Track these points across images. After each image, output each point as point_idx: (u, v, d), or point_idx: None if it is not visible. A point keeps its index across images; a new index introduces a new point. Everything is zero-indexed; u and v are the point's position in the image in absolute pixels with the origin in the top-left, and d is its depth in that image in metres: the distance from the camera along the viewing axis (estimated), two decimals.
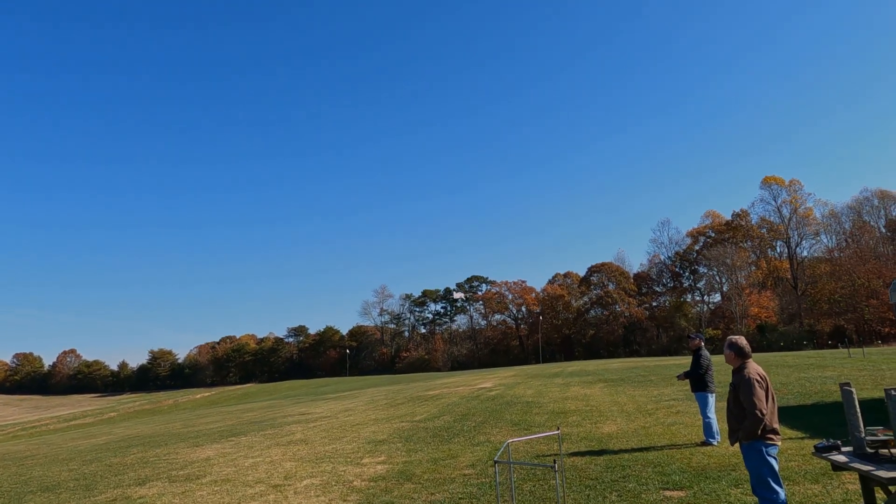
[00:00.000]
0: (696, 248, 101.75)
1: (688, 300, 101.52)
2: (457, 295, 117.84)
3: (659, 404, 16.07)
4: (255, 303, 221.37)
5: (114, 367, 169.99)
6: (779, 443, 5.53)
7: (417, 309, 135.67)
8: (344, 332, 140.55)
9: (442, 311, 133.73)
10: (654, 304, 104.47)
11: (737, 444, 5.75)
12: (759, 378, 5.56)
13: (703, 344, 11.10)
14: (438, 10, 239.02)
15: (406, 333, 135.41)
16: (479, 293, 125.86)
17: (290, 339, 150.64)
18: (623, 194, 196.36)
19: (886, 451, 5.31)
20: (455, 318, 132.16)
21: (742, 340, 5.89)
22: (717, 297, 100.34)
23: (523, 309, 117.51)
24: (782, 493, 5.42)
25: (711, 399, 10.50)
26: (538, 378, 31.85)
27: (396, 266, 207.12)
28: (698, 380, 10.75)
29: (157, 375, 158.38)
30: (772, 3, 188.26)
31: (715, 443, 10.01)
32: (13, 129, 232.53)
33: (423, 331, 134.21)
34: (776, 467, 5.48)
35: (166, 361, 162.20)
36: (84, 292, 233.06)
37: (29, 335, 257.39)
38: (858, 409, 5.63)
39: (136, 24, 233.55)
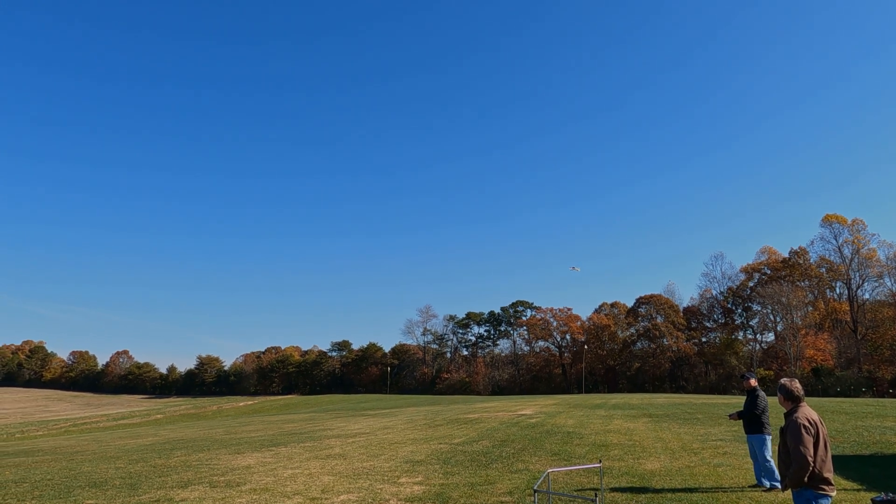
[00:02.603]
0: (750, 284, 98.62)
1: (739, 338, 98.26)
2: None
3: (705, 443, 15.57)
4: (301, 315, 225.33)
5: (163, 369, 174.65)
6: (832, 493, 5.30)
7: (461, 331, 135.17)
8: (386, 349, 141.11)
9: (485, 334, 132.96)
10: (704, 339, 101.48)
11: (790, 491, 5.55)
12: (807, 423, 5.35)
13: (758, 384, 10.69)
14: (486, 45, 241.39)
15: (448, 354, 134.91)
16: (524, 318, 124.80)
17: (334, 354, 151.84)
18: (676, 227, 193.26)
19: None
20: (498, 343, 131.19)
21: (794, 384, 5.70)
22: (770, 337, 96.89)
23: (568, 337, 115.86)
24: None
25: (770, 441, 10.06)
26: (580, 408, 31.28)
27: (442, 287, 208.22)
28: (754, 420, 10.26)
29: (203, 381, 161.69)
30: (840, 45, 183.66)
31: (780, 486, 9.47)
32: (92, 134, 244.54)
33: (466, 353, 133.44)
34: None
35: (213, 368, 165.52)
36: (141, 294, 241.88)
37: (86, 334, 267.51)
38: None
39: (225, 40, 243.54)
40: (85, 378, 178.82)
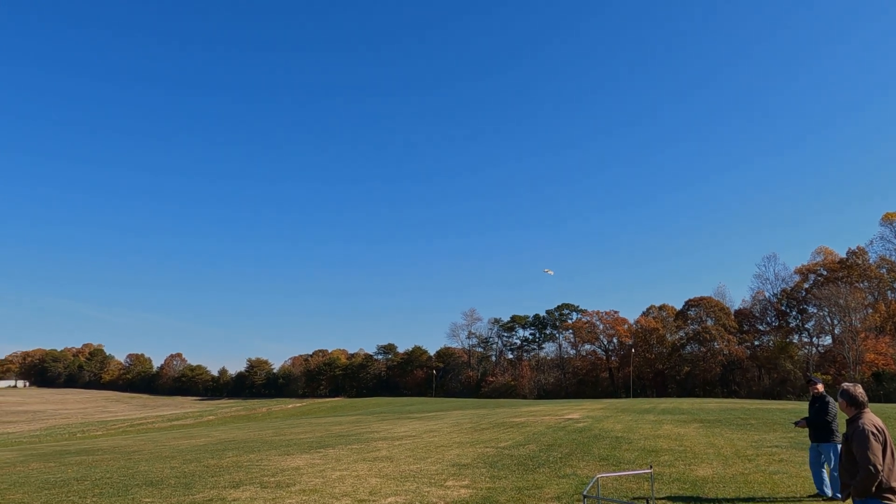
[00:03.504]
0: (806, 286, 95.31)
1: (794, 341, 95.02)
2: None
3: (759, 450, 15.10)
4: (347, 319, 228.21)
5: (214, 372, 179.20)
6: None
7: (506, 334, 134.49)
8: (431, 352, 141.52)
9: (530, 337, 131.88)
10: (757, 343, 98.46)
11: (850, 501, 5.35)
12: (875, 429, 5.14)
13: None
14: (536, 48, 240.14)
15: (493, 358, 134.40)
16: (569, 321, 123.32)
17: (380, 357, 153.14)
18: (728, 229, 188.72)
19: None
20: (543, 346, 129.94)
21: (857, 389, 5.49)
22: (827, 340, 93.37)
23: (615, 340, 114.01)
24: None
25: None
26: (628, 413, 30.72)
27: (486, 291, 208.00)
28: (824, 428, 9.71)
29: (253, 383, 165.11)
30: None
31: (840, 496, 9.12)
32: (149, 142, 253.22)
33: (511, 356, 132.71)
34: None
35: (262, 370, 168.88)
36: (193, 299, 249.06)
37: (142, 337, 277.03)
38: None
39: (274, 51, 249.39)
40: (141, 380, 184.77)
